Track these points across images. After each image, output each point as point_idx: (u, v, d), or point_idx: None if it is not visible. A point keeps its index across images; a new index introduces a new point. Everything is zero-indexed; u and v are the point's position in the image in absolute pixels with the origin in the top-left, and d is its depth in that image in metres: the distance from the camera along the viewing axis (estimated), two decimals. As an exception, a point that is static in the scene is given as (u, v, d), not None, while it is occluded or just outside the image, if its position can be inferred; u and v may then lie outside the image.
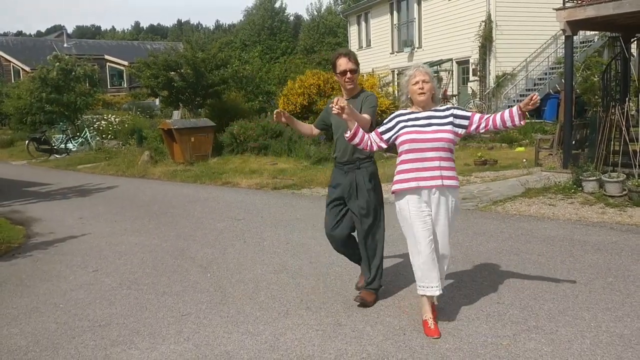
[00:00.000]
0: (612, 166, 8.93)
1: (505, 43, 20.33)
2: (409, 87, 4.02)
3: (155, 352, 3.91)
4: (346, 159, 4.51)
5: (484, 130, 4.04)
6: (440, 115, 3.98)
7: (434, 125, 3.93)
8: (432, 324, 3.97)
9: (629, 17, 9.69)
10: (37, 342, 4.15)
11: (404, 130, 3.96)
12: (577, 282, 4.90)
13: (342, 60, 4.45)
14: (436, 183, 3.90)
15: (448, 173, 3.94)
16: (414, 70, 4.03)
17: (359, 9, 30.44)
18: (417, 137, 3.90)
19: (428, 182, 3.90)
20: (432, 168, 3.89)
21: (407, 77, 4.05)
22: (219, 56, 16.85)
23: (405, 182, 3.95)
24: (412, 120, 3.97)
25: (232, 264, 5.97)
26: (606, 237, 6.38)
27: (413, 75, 3.99)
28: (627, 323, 4.00)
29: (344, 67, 4.44)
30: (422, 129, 3.92)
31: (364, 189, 4.46)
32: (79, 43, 49.73)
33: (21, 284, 5.61)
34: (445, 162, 3.93)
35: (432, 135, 3.90)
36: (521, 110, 3.85)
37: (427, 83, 3.95)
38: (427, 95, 3.97)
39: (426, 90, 3.95)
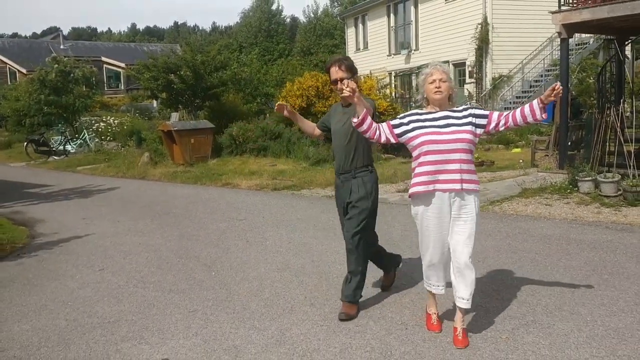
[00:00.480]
0: (608, 167, 9.08)
1: (502, 45, 20.52)
2: (425, 86, 3.85)
3: (165, 346, 4.02)
4: (343, 168, 4.41)
5: (503, 128, 3.85)
6: (458, 115, 3.80)
7: (452, 126, 3.73)
8: (435, 319, 4.05)
9: (623, 20, 9.86)
10: (49, 338, 4.26)
11: (421, 131, 3.76)
12: (573, 279, 5.04)
13: (333, 69, 4.38)
14: (456, 187, 3.71)
15: (469, 176, 3.74)
16: (431, 68, 3.86)
17: (356, 11, 30.62)
18: (436, 139, 3.71)
19: (447, 186, 3.72)
20: (452, 171, 3.71)
21: (423, 75, 3.90)
22: (218, 58, 16.99)
23: (422, 185, 3.77)
24: (429, 121, 3.79)
25: (235, 263, 6.09)
26: (601, 236, 6.52)
27: (430, 74, 3.84)
28: (622, 318, 4.14)
29: (334, 76, 4.37)
30: (440, 130, 3.73)
31: (361, 189, 4.35)
32: (75, 45, 49.78)
33: (28, 283, 5.71)
34: (466, 165, 3.73)
35: (451, 136, 3.70)
36: (542, 102, 3.63)
37: (444, 82, 3.79)
38: (444, 95, 3.80)
39: (443, 89, 3.79)
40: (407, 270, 5.41)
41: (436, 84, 3.79)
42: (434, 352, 3.73)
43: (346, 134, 4.33)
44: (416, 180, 3.82)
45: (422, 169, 3.78)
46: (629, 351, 3.61)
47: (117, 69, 44.58)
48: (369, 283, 4.97)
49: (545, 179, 9.74)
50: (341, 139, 4.39)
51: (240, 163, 14.15)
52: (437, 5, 23.19)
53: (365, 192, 4.35)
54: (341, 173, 4.44)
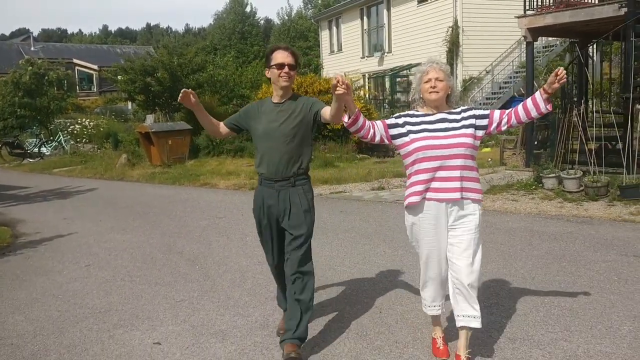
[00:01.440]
0: (571, 164, 9.54)
1: (472, 48, 21.05)
2: (421, 85, 3.48)
3: (156, 332, 4.29)
4: (282, 174, 3.75)
5: (505, 128, 3.50)
6: (456, 117, 3.45)
7: (450, 130, 3.39)
8: (441, 344, 3.68)
9: (584, 24, 10.37)
10: (43, 328, 4.50)
11: (415, 136, 3.41)
12: (534, 267, 5.43)
13: (281, 53, 3.75)
14: (456, 196, 3.37)
15: (470, 184, 3.40)
16: (427, 66, 3.48)
17: (330, 14, 30.99)
18: (433, 144, 3.36)
19: (446, 195, 3.37)
20: (451, 178, 3.36)
21: (419, 73, 3.51)
22: (195, 61, 17.21)
23: (418, 195, 3.42)
24: (425, 124, 3.43)
25: (218, 257, 6.37)
26: (563, 228, 6.94)
27: (425, 72, 3.46)
28: (576, 299, 4.53)
29: (282, 60, 3.72)
30: (437, 134, 3.38)
31: (301, 211, 3.76)
32: (46, 46, 49.32)
33: (17, 279, 5.91)
34: (467, 172, 3.39)
35: (450, 141, 3.36)
36: (546, 92, 3.35)
37: (440, 81, 3.41)
38: (440, 95, 3.42)
39: (439, 88, 3.41)
40: (387, 264, 5.75)
41: (432, 83, 3.42)
42: (406, 331, 4.07)
43: (287, 135, 3.72)
44: (411, 190, 3.47)
45: (418, 178, 3.43)
46: (580, 327, 3.99)
47: (90, 71, 44.32)
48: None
49: (512, 177, 10.19)
50: (279, 139, 3.72)
51: (217, 164, 14.39)
52: (409, 8, 23.67)
53: (308, 205, 3.80)
54: (277, 180, 3.76)
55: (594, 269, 5.30)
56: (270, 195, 3.81)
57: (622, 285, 4.81)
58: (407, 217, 3.56)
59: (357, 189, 10.60)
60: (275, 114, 3.78)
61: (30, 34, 54.27)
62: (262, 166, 3.82)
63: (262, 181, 3.89)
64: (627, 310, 4.26)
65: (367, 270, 5.59)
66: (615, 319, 4.12)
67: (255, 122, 3.86)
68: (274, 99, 3.85)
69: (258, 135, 3.83)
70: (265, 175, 3.82)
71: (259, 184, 3.93)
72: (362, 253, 6.25)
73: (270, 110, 3.82)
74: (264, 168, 3.81)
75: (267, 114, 3.82)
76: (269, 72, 3.80)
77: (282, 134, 3.72)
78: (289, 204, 3.76)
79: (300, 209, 3.75)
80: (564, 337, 3.85)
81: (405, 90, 23.31)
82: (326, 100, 14.64)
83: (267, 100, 3.93)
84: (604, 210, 7.72)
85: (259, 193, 3.92)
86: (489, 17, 20.50)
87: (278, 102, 3.82)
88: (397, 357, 3.68)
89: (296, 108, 3.77)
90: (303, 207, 3.77)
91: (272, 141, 3.75)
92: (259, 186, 3.94)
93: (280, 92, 3.80)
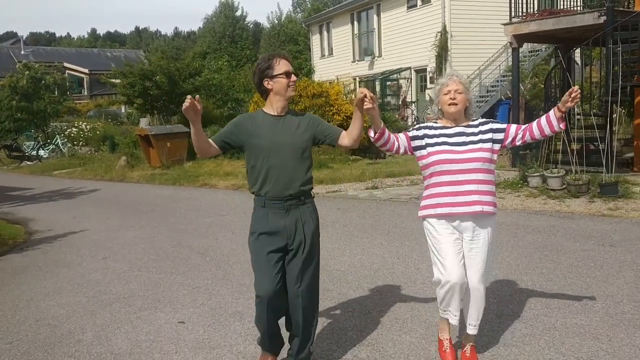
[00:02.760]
0: (554, 164, 10.09)
1: (460, 52, 21.62)
2: (440, 97, 3.54)
3: (178, 314, 4.76)
4: (292, 192, 3.42)
5: (520, 143, 3.59)
6: (474, 130, 3.52)
7: (469, 144, 3.46)
8: (448, 346, 3.71)
9: (566, 31, 10.97)
10: (75, 311, 4.94)
11: (433, 149, 3.48)
12: (519, 255, 5.95)
13: (283, 61, 3.42)
14: (472, 209, 3.42)
15: (486, 198, 3.44)
16: (447, 78, 3.55)
17: (320, 18, 31.51)
18: (450, 158, 3.43)
19: (462, 209, 3.43)
20: (467, 192, 3.41)
21: (439, 85, 3.58)
22: (192, 65, 17.68)
23: (436, 208, 3.50)
24: (443, 137, 3.50)
25: (226, 250, 6.83)
26: (546, 222, 7.47)
27: (445, 84, 3.52)
28: (556, 282, 5.05)
29: (287, 68, 3.41)
30: (455, 148, 3.45)
31: (311, 232, 3.48)
32: (36, 50, 49.48)
33: (40, 270, 6.35)
34: (484, 186, 3.44)
35: (467, 155, 3.42)
36: (560, 111, 3.39)
37: (460, 94, 3.47)
38: (459, 107, 3.48)
39: (458, 101, 3.47)
40: (386, 263, 6.24)
41: (451, 94, 3.47)
42: (403, 309, 4.56)
43: (297, 149, 3.43)
44: (426, 202, 3.57)
45: (434, 191, 3.52)
46: (559, 305, 4.50)
47: (80, 74, 44.49)
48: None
49: (499, 176, 10.72)
50: (288, 154, 3.40)
51: (215, 165, 14.84)
52: (399, 13, 24.24)
53: (317, 224, 3.57)
54: (286, 200, 3.41)
55: (573, 257, 5.82)
56: (278, 216, 3.42)
57: (598, 270, 5.34)
58: (425, 226, 3.64)
59: (352, 189, 11.10)
60: (280, 127, 3.43)
61: (20, 37, 54.33)
62: (267, 185, 3.41)
63: (265, 202, 3.44)
64: (600, 291, 4.78)
65: (366, 260, 6.09)
66: (590, 297, 4.64)
67: (253, 138, 3.43)
68: (271, 111, 3.47)
69: (260, 152, 3.40)
70: (271, 194, 3.41)
71: (261, 207, 3.47)
72: (361, 245, 6.75)
73: (272, 123, 3.44)
74: (269, 186, 3.40)
75: (269, 128, 3.43)
76: (271, 82, 3.39)
77: (292, 149, 3.41)
78: (302, 224, 3.45)
79: (311, 228, 3.49)
80: (544, 313, 4.36)
81: (395, 94, 23.89)
82: (319, 103, 15.26)
83: (259, 113, 3.52)
84: (584, 206, 8.26)
85: (261, 215, 3.47)
86: (477, 23, 21.07)
87: (278, 115, 3.45)
88: (397, 330, 4.17)
89: (300, 123, 3.49)
90: (314, 225, 3.53)
91: (280, 156, 3.39)
92: (260, 209, 3.48)
93: (282, 104, 3.45)
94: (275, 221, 3.42)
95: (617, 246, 6.15)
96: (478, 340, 3.82)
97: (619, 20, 9.34)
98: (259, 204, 3.49)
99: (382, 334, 4.13)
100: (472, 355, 3.67)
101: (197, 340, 4.17)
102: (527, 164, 10.50)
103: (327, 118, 15.02)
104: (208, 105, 18.30)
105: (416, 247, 6.42)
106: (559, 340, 3.87)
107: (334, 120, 15.17)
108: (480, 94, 22.07)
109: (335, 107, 15.40)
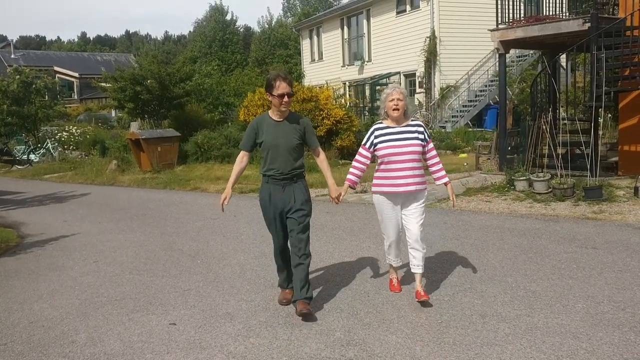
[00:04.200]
0: (540, 168, 10.25)
1: (449, 57, 21.84)
2: (386, 103, 4.79)
3: (169, 315, 4.85)
4: (284, 174, 4.69)
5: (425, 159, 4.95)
6: (411, 130, 4.79)
7: (407, 140, 4.74)
8: (396, 282, 5.19)
9: (552, 37, 11.14)
10: (68, 313, 5.02)
11: (381, 145, 4.77)
12: (504, 257, 6.09)
13: (283, 83, 4.58)
14: (408, 189, 4.75)
15: (418, 179, 4.77)
16: (392, 89, 4.82)
17: (311, 23, 31.67)
18: (393, 151, 4.73)
19: (401, 188, 4.74)
20: (405, 176, 4.73)
21: (385, 94, 4.85)
22: (183, 70, 17.76)
23: (382, 187, 4.85)
24: (388, 135, 4.78)
25: (217, 253, 6.92)
26: (531, 225, 7.62)
27: (391, 94, 4.77)
28: (539, 283, 5.19)
29: (282, 91, 4.58)
30: (397, 143, 4.73)
31: (302, 194, 4.76)
32: (27, 54, 49.38)
33: (33, 273, 6.42)
34: (417, 171, 4.77)
35: (405, 149, 4.72)
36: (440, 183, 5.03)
37: (401, 101, 4.73)
38: (400, 112, 4.75)
39: (400, 107, 4.73)
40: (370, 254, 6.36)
41: (394, 102, 4.74)
42: (391, 312, 4.68)
43: (290, 146, 4.68)
44: (377, 182, 4.90)
45: (383, 174, 4.84)
46: (542, 305, 4.64)
47: (70, 78, 44.42)
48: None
49: (486, 180, 10.88)
50: (283, 149, 4.67)
51: (205, 169, 14.92)
52: (388, 19, 24.43)
53: (308, 196, 4.82)
54: (282, 179, 4.70)
55: (557, 259, 5.96)
56: (276, 190, 4.75)
57: (580, 272, 5.48)
58: (374, 198, 4.99)
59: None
60: (279, 130, 4.72)
61: (10, 41, 54.13)
62: (270, 169, 4.74)
63: (268, 180, 4.78)
64: (582, 292, 4.92)
65: (354, 262, 6.20)
66: (571, 298, 4.77)
67: (261, 137, 4.76)
68: (274, 117, 4.77)
69: (266, 146, 4.73)
70: (273, 175, 4.73)
71: (265, 183, 4.82)
72: (349, 248, 6.86)
73: (274, 126, 4.74)
74: (272, 171, 4.73)
75: (271, 129, 4.73)
76: (270, 97, 4.68)
77: (286, 146, 4.69)
78: (293, 195, 4.73)
79: (302, 198, 4.74)
80: (527, 313, 4.48)
81: (384, 98, 23.99)
82: (309, 108, 15.37)
83: (266, 116, 4.83)
84: (569, 210, 8.42)
85: (266, 189, 4.82)
86: (465, 28, 21.29)
87: (278, 120, 4.75)
88: (384, 330, 4.28)
89: (296, 127, 4.75)
90: (305, 196, 4.77)
91: (278, 151, 4.69)
92: (264, 184, 4.84)
93: (279, 114, 4.74)
94: (274, 193, 4.75)
95: (599, 248, 6.30)
96: (462, 337, 3.94)
97: (604, 27, 9.51)
98: (264, 181, 4.85)
99: (369, 334, 4.24)
100: (422, 289, 4.83)
101: (189, 341, 4.26)
102: (513, 168, 10.65)
103: (317, 122, 15.15)
104: (199, 110, 18.38)
105: (403, 250, 6.50)
106: (540, 339, 4.00)
107: (324, 125, 15.30)
108: (469, 98, 22.29)
109: (324, 112, 15.52)
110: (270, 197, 4.76)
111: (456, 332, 4.19)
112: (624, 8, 10.17)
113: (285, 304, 4.92)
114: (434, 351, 3.89)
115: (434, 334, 4.18)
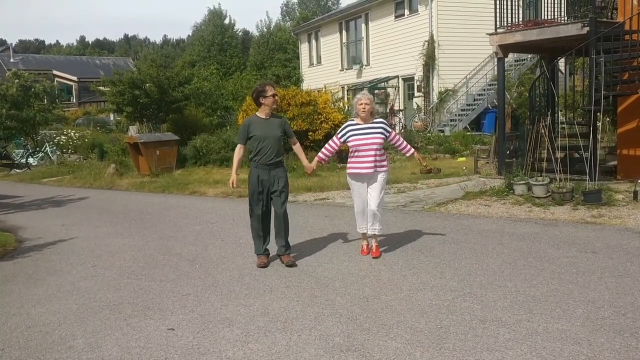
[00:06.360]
0: (539, 172, 10.25)
1: (447, 61, 21.86)
2: (357, 106, 6.39)
3: (167, 320, 4.82)
4: (272, 161, 6.25)
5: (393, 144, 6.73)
6: (375, 126, 6.38)
7: (371, 134, 6.30)
8: (366, 248, 6.64)
9: (551, 42, 11.15)
10: (66, 318, 5.00)
11: (352, 137, 6.35)
12: (503, 262, 6.06)
13: (271, 87, 6.37)
14: (371, 170, 6.32)
15: (381, 163, 6.36)
16: (362, 95, 6.46)
17: (309, 27, 31.70)
18: (361, 142, 6.31)
19: (367, 170, 6.32)
20: (369, 161, 6.29)
21: (356, 99, 6.48)
22: (182, 74, 17.75)
23: (352, 169, 6.42)
24: (358, 130, 6.36)
25: (215, 258, 6.90)
26: (531, 229, 7.60)
27: (360, 99, 6.39)
28: (539, 288, 5.17)
29: (273, 92, 6.35)
30: (364, 136, 6.31)
31: (284, 178, 6.38)
32: (26, 58, 49.39)
33: (30, 278, 6.39)
34: (379, 157, 6.34)
35: (370, 141, 6.29)
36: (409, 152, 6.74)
37: (367, 105, 6.31)
38: (367, 113, 6.35)
39: (367, 110, 6.32)
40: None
41: (363, 105, 6.32)
42: (391, 319, 4.66)
43: (275, 138, 6.26)
44: (350, 165, 6.47)
45: (354, 160, 6.41)
46: (542, 310, 4.62)
47: (69, 82, 44.40)
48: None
49: (485, 184, 10.87)
50: (270, 141, 6.23)
51: (204, 173, 14.90)
52: (386, 23, 24.46)
53: (287, 179, 6.46)
54: (269, 164, 6.25)
55: (556, 263, 5.95)
56: (264, 173, 6.28)
57: (580, 277, 5.46)
58: (348, 179, 6.57)
59: (340, 196, 11.20)
60: (267, 125, 6.31)
61: (9, 45, 54.18)
62: (259, 156, 6.26)
63: (257, 165, 6.29)
64: (582, 297, 4.90)
65: (353, 267, 6.18)
66: (571, 303, 4.75)
67: (253, 132, 6.30)
68: (262, 115, 6.38)
69: (256, 138, 6.26)
70: (262, 161, 6.26)
71: (254, 167, 6.31)
72: (348, 252, 6.84)
73: (262, 123, 6.33)
74: (260, 157, 6.26)
75: (260, 125, 6.31)
76: (264, 99, 6.30)
77: (273, 138, 6.26)
78: (277, 177, 6.31)
79: (284, 182, 6.36)
80: (527, 319, 4.46)
81: (382, 102, 24.05)
82: (308, 112, 15.36)
83: (255, 116, 6.45)
84: (568, 214, 8.40)
85: (255, 172, 6.30)
86: (464, 32, 21.31)
87: (265, 118, 6.36)
88: (383, 336, 4.26)
89: (278, 123, 6.41)
90: (285, 180, 6.40)
91: (266, 142, 6.24)
92: (254, 169, 6.32)
93: (268, 112, 6.39)
94: (262, 175, 6.27)
95: (599, 253, 6.28)
96: (462, 343, 3.92)
97: (602, 31, 9.51)
98: (253, 166, 6.32)
99: (368, 339, 4.21)
100: (375, 248, 6.51)
101: (187, 347, 4.23)
102: (512, 171, 10.63)
103: (315, 126, 15.16)
104: (197, 114, 18.37)
105: (402, 254, 6.54)
106: (541, 345, 3.98)
107: (322, 129, 15.29)
108: (468, 102, 22.31)
109: (323, 116, 15.52)
110: (259, 179, 6.26)
111: (456, 337, 4.17)
112: (622, 12, 10.18)
113: (263, 267, 6.28)
114: (434, 357, 3.86)
115: (434, 339, 4.15)
